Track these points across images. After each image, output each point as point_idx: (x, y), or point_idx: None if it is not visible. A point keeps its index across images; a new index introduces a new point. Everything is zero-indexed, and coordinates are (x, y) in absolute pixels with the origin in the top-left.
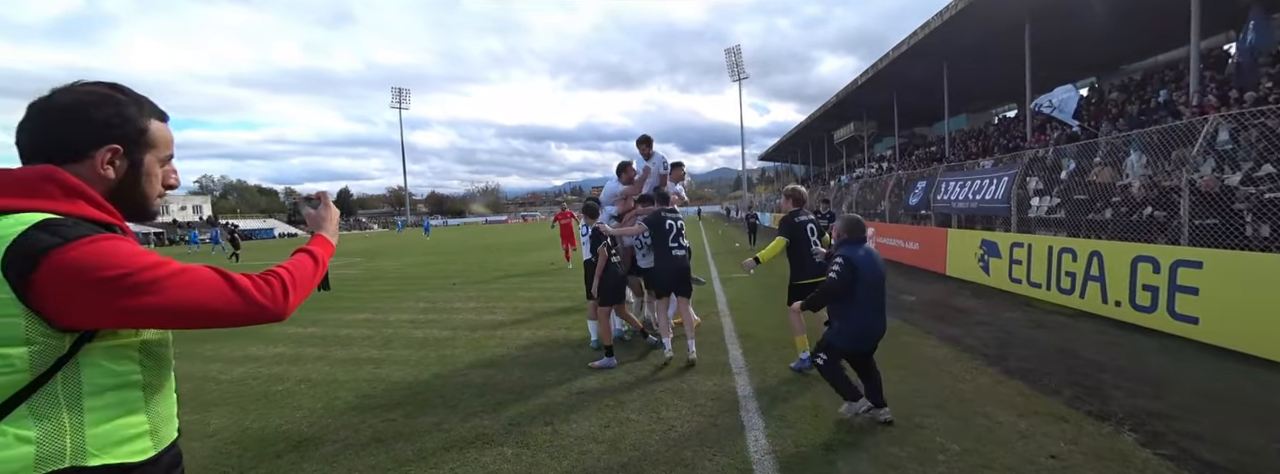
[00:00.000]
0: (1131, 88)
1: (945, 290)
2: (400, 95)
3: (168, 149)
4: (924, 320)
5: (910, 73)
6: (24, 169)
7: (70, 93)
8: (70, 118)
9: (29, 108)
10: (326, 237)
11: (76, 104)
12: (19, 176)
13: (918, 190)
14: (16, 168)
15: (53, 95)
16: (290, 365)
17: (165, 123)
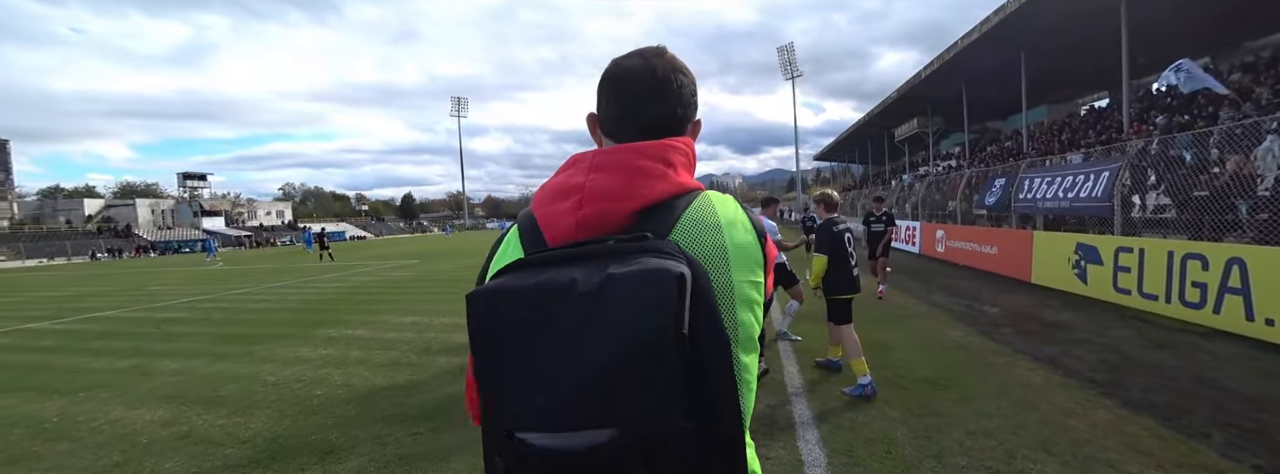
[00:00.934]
0: (1260, 67)
1: (1032, 301)
2: (458, 104)
3: None
4: (1012, 337)
5: (981, 63)
6: (684, 142)
7: (673, 60)
8: (694, 88)
9: (651, 75)
10: None
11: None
12: (688, 151)
13: (995, 188)
14: (677, 141)
15: (662, 59)
16: (334, 369)
17: None
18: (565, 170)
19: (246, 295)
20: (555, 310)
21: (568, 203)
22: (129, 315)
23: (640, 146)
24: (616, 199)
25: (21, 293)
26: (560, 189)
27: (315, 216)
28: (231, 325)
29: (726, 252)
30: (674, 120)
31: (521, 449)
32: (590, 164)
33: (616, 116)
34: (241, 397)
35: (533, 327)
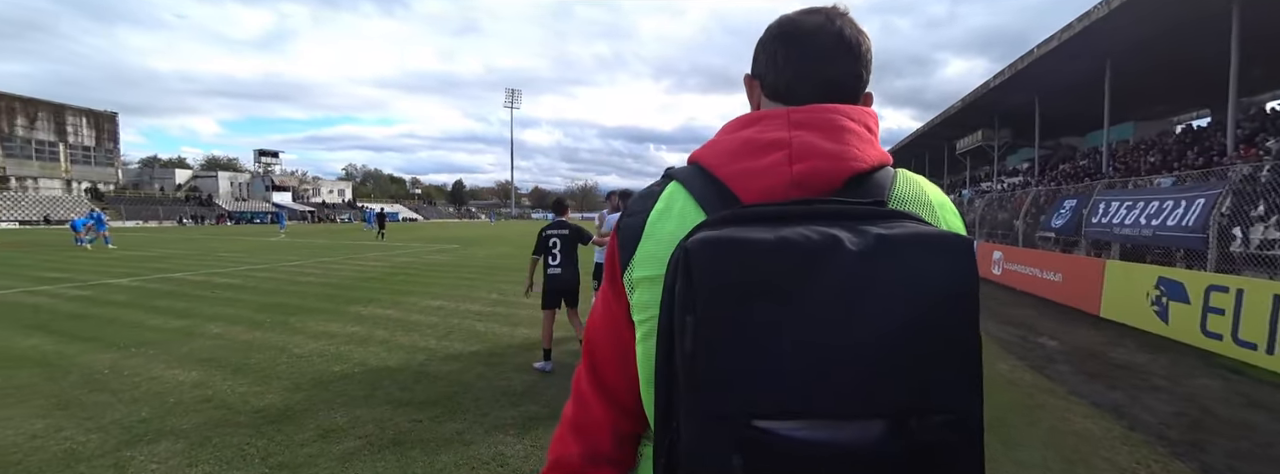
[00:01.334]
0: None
1: (1099, 337)
2: (512, 96)
3: None
4: (1070, 376)
5: (1060, 73)
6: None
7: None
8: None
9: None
10: None
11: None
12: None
13: (1064, 210)
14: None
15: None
16: (356, 346)
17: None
18: (747, 127)
19: (297, 268)
20: (815, 270)
21: (772, 158)
22: (193, 278)
23: (843, 108)
24: (832, 158)
25: (116, 251)
26: (753, 144)
27: (373, 197)
28: (276, 295)
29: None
30: (857, 83)
31: (768, 440)
32: (789, 120)
33: (793, 76)
34: (266, 366)
35: (781, 290)
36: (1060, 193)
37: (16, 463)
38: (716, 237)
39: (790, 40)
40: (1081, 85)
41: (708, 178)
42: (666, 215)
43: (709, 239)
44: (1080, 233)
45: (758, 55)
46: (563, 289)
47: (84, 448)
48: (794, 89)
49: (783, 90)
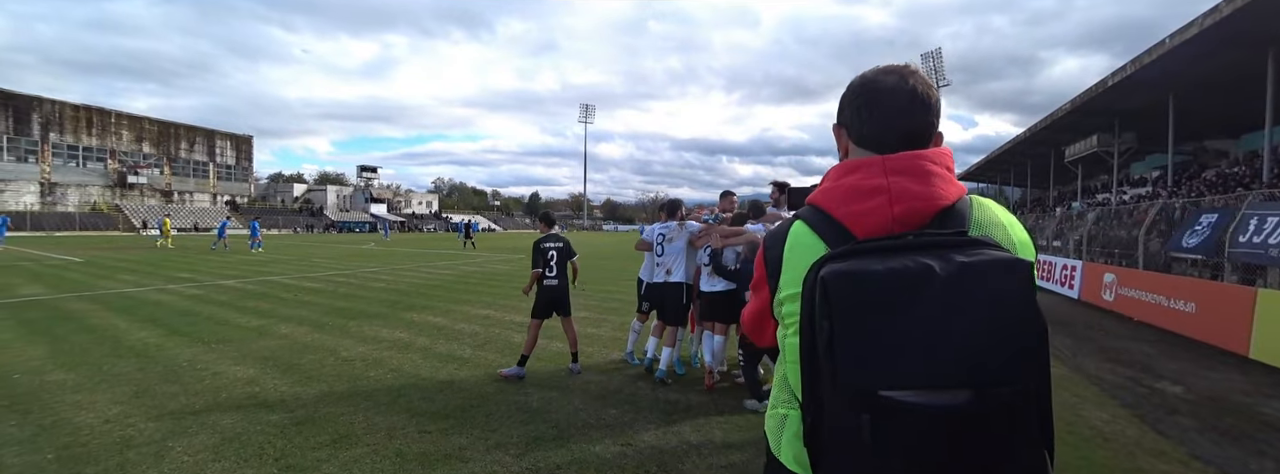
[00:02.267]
0: None
1: (1244, 384)
2: (586, 111)
3: None
4: (1194, 433)
5: (1202, 65)
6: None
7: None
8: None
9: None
10: None
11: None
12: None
13: (1202, 226)
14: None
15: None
16: (397, 353)
17: None
18: (849, 174)
19: (373, 274)
20: (917, 290)
21: (876, 201)
22: (285, 282)
23: (926, 154)
24: (923, 199)
25: (235, 255)
26: (859, 190)
27: (457, 208)
28: (347, 300)
29: (1017, 247)
30: (931, 131)
31: (887, 404)
32: (884, 168)
33: (878, 128)
34: (313, 367)
35: (894, 304)
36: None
37: (82, 445)
38: (844, 269)
39: (872, 98)
40: (1232, 78)
41: (826, 218)
42: (796, 249)
43: (838, 271)
44: (1223, 254)
45: (843, 108)
46: (557, 299)
47: (140, 435)
48: (880, 139)
49: (870, 140)
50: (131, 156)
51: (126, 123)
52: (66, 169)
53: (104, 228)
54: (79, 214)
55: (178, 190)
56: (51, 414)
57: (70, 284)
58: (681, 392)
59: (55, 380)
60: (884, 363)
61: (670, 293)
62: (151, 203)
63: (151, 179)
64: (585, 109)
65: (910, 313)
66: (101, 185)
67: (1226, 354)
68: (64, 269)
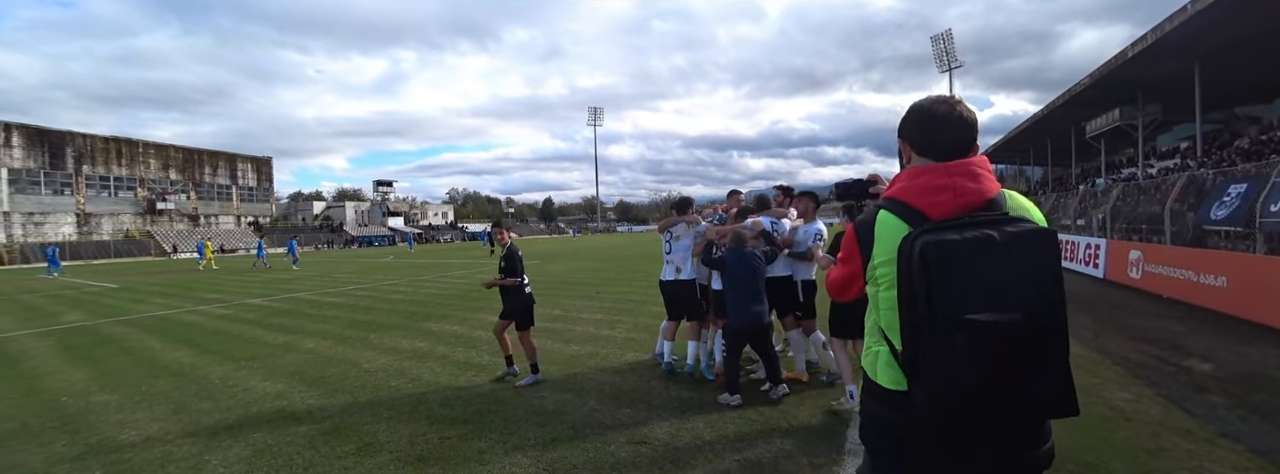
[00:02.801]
0: None
1: (1279, 359)
2: (595, 114)
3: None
4: (1222, 410)
5: (1226, 28)
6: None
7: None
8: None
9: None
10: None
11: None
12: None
13: (1230, 197)
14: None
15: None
16: (416, 362)
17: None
18: (918, 177)
19: (392, 286)
20: (988, 251)
21: (944, 196)
22: (309, 297)
23: (975, 160)
24: (976, 193)
25: (263, 274)
26: (930, 187)
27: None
28: (367, 313)
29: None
30: (972, 143)
31: (974, 324)
32: (947, 171)
33: (936, 144)
34: (338, 379)
35: (973, 260)
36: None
37: (126, 461)
38: (933, 239)
39: (931, 122)
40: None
41: (907, 207)
42: (885, 230)
43: (929, 241)
44: (1253, 225)
45: (905, 127)
46: (531, 308)
47: (178, 451)
48: (937, 151)
49: (930, 151)
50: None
51: (153, 151)
52: (99, 199)
53: (137, 254)
54: (113, 242)
55: (204, 214)
56: (97, 433)
57: (108, 309)
58: (695, 389)
59: (99, 401)
60: (968, 298)
61: (683, 289)
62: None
63: (179, 204)
64: (594, 112)
65: (981, 265)
66: (133, 213)
67: (1261, 328)
68: (101, 295)
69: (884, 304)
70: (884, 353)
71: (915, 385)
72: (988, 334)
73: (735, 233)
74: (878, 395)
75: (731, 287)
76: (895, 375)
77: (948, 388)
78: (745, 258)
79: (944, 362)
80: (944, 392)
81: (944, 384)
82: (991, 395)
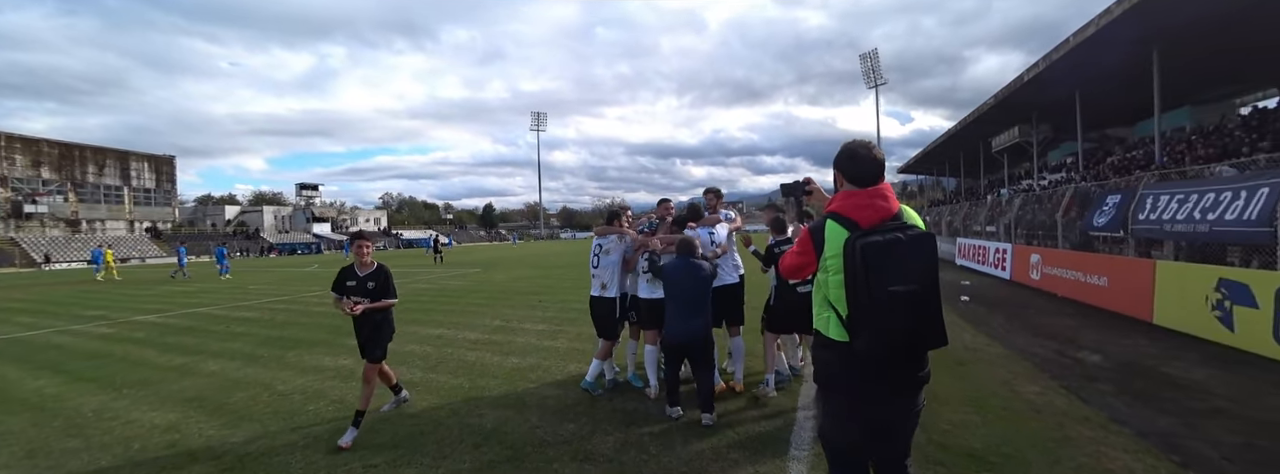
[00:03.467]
0: None
1: (1152, 349)
2: (538, 119)
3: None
4: (1113, 398)
5: (1101, 61)
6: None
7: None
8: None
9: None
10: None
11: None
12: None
13: (1108, 206)
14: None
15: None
16: (340, 382)
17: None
18: (853, 197)
19: (316, 298)
20: (899, 247)
21: (868, 210)
22: (216, 313)
23: (885, 186)
24: (887, 210)
25: (158, 286)
26: (859, 205)
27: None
28: (284, 328)
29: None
30: (882, 175)
31: (896, 292)
32: (868, 194)
33: (860, 175)
34: (244, 405)
35: (891, 253)
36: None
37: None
38: (867, 241)
39: (856, 160)
40: (1127, 72)
41: (844, 218)
42: (835, 232)
43: (864, 242)
44: (1127, 231)
45: (840, 162)
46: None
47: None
48: (861, 180)
49: (856, 180)
50: (28, 183)
51: (20, 146)
52: None
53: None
54: None
55: (87, 218)
56: None
57: None
58: (639, 400)
59: None
60: (891, 277)
61: (603, 307)
62: (55, 233)
63: (53, 207)
64: (537, 117)
65: (895, 256)
66: None
67: (1135, 322)
68: None
69: (833, 284)
70: (833, 317)
71: (855, 335)
72: (903, 298)
73: (683, 240)
74: (829, 346)
75: (672, 298)
76: (840, 332)
77: (879, 334)
78: (689, 268)
79: (877, 318)
80: (876, 336)
81: (876, 332)
82: (904, 336)
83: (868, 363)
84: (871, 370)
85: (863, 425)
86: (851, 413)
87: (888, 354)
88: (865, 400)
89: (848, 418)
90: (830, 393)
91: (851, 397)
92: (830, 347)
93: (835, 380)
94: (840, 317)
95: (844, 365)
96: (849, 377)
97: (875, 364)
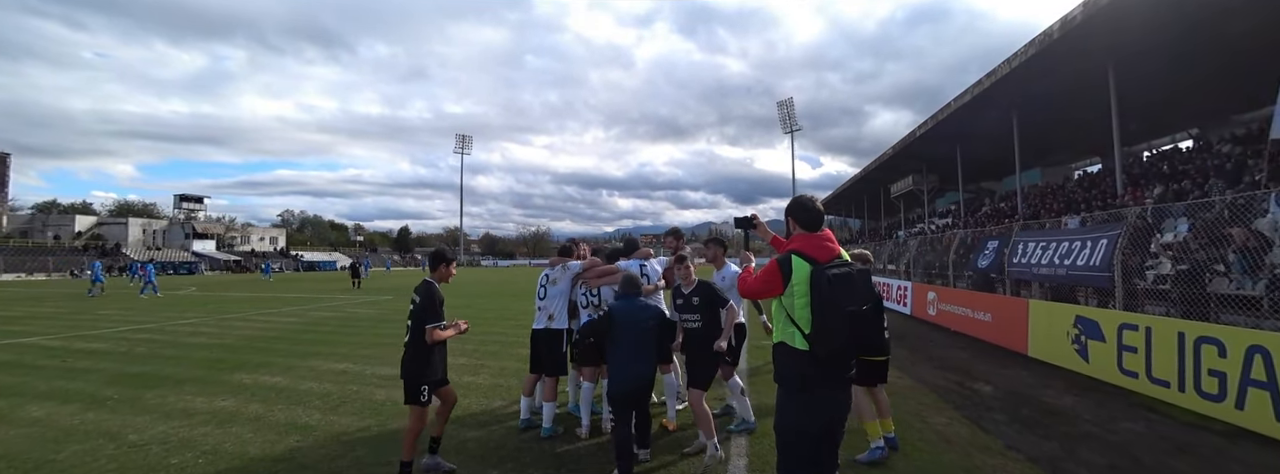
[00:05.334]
0: (1249, 140)
1: (1030, 379)
2: (463, 142)
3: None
4: (1005, 426)
5: (975, 124)
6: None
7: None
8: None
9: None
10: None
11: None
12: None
13: (988, 251)
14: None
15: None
16: (215, 428)
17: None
18: (810, 239)
19: (191, 326)
20: (852, 280)
21: (823, 250)
22: (49, 343)
23: (828, 233)
24: (835, 251)
25: None
26: (816, 244)
27: (310, 245)
28: (144, 362)
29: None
30: (823, 223)
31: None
32: (822, 237)
33: (811, 222)
34: (78, 462)
35: (846, 285)
36: (984, 234)
37: None
38: (830, 273)
39: (807, 211)
40: (994, 134)
41: (805, 255)
42: (799, 265)
43: (827, 273)
44: (1004, 273)
45: (793, 210)
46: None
47: None
48: (811, 226)
49: (807, 226)
50: None
51: None
52: None
53: None
54: None
55: None
56: None
57: None
58: (569, 441)
59: None
60: (848, 301)
61: (551, 340)
62: None
63: None
64: (461, 139)
65: (850, 284)
66: None
67: (1013, 354)
68: None
69: (799, 307)
70: (797, 333)
71: (818, 344)
72: (857, 316)
73: (627, 277)
74: (793, 354)
75: (618, 343)
76: (803, 342)
77: (834, 344)
78: (636, 310)
79: (834, 331)
80: (833, 346)
81: (834, 340)
82: (853, 344)
83: (825, 365)
84: (828, 371)
85: (821, 416)
86: (814, 406)
87: (841, 358)
88: (822, 395)
89: (811, 411)
90: (794, 392)
91: (813, 393)
92: (794, 355)
93: (801, 382)
94: (803, 332)
95: (805, 368)
96: (810, 377)
97: (831, 366)
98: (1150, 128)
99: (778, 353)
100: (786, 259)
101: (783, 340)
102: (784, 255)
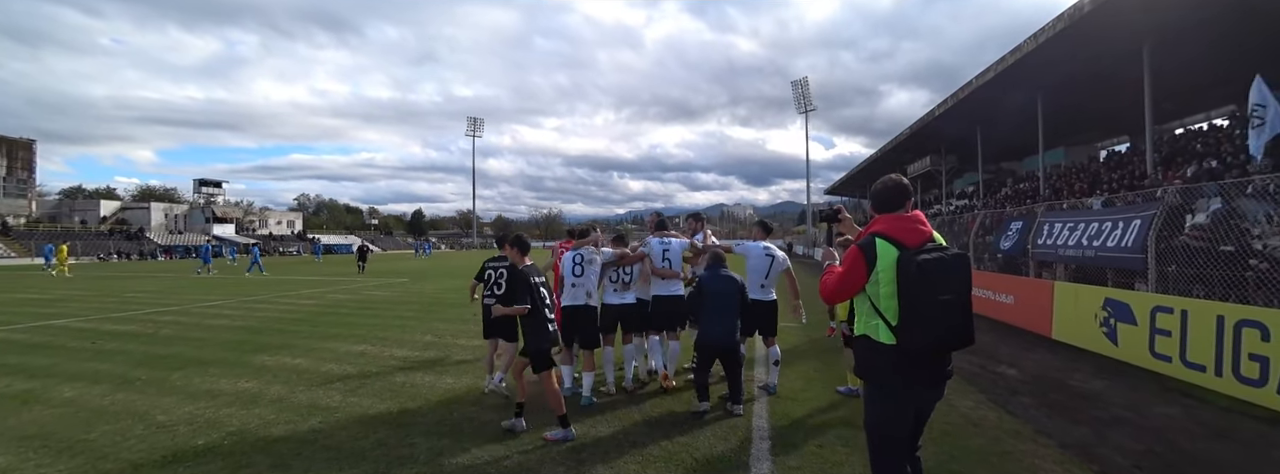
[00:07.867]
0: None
1: (1055, 363)
2: (474, 125)
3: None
4: (1033, 410)
5: (997, 102)
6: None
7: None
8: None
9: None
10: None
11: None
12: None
13: (1011, 232)
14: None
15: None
16: (240, 408)
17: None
18: (895, 221)
19: (215, 309)
20: (946, 264)
21: (913, 233)
22: (79, 326)
23: (919, 214)
24: (927, 234)
25: (3, 293)
26: (905, 226)
27: (326, 228)
28: (170, 344)
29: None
30: (911, 202)
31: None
32: (912, 218)
33: (888, 201)
34: (109, 442)
35: (941, 271)
36: (1006, 215)
37: None
38: (920, 258)
39: (894, 192)
40: (1017, 114)
41: (891, 237)
42: (886, 250)
43: (917, 259)
44: (1028, 254)
45: (876, 192)
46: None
47: None
48: (890, 205)
49: (885, 207)
50: None
51: None
52: None
53: None
54: None
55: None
56: None
57: None
58: (588, 423)
59: None
60: (939, 288)
61: (587, 317)
62: None
63: None
64: (473, 122)
65: (943, 270)
66: None
67: (1038, 337)
68: None
69: (885, 296)
70: (882, 324)
71: (907, 337)
72: (949, 305)
73: (713, 252)
74: (877, 349)
75: (711, 306)
76: (889, 336)
77: (928, 335)
78: (722, 279)
79: (927, 322)
80: (926, 337)
81: (925, 333)
82: (947, 336)
83: (916, 360)
84: (919, 367)
85: (911, 415)
86: (903, 405)
87: (933, 350)
88: (913, 393)
89: (900, 409)
90: (883, 389)
91: (904, 390)
92: (879, 350)
93: (888, 378)
94: (888, 324)
95: (895, 365)
96: (900, 373)
97: (923, 361)
98: (1184, 105)
99: (860, 347)
100: (870, 243)
101: (866, 333)
102: (866, 238)
